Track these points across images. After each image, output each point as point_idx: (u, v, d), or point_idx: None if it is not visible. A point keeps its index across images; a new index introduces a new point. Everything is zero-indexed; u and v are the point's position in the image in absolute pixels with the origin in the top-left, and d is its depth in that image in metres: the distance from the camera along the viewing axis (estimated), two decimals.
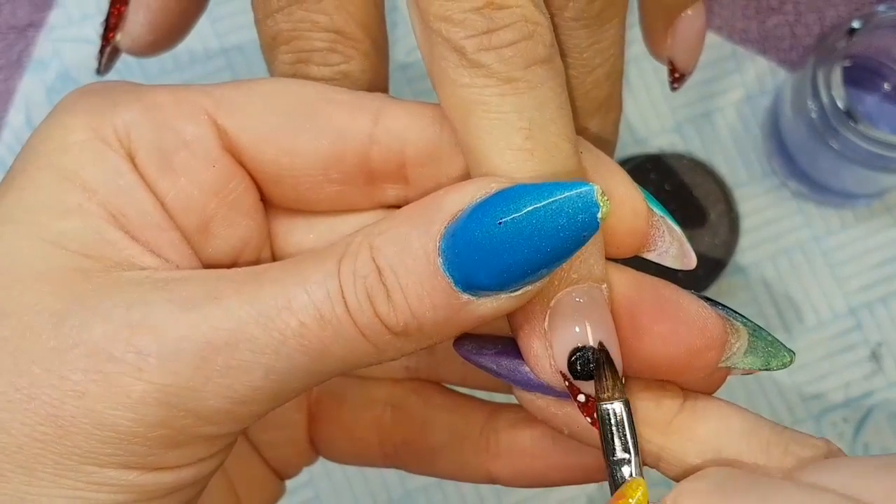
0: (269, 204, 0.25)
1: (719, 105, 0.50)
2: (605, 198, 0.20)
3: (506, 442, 0.28)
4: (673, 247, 0.24)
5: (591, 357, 0.22)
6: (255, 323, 0.21)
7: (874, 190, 0.48)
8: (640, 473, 0.23)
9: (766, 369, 0.24)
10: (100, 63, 0.30)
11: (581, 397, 0.23)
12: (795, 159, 0.48)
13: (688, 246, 0.25)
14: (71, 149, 0.22)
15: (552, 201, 0.20)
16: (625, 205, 0.23)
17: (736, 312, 0.24)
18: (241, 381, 0.21)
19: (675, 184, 0.48)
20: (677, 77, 0.32)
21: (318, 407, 0.30)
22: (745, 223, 0.49)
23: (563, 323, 0.22)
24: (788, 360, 0.24)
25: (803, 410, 0.48)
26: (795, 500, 0.20)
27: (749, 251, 0.49)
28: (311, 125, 0.23)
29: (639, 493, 0.22)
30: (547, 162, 0.22)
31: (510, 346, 0.25)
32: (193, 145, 0.23)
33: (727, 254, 0.48)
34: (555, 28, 0.24)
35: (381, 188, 0.24)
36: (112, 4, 0.29)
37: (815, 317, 0.49)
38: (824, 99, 0.43)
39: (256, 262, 0.25)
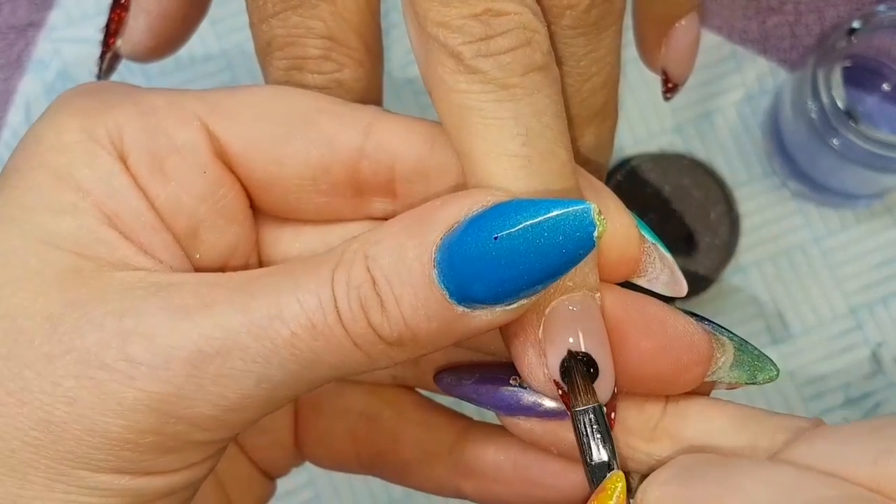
0: (257, 211, 0.25)
1: (719, 105, 0.50)
2: (602, 217, 0.20)
3: (472, 464, 0.28)
4: (664, 273, 0.24)
5: (581, 363, 0.22)
6: (246, 332, 0.21)
7: (874, 190, 0.48)
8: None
9: (753, 383, 0.24)
10: (100, 69, 0.29)
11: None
12: (795, 159, 0.48)
13: (679, 274, 0.25)
14: (65, 149, 0.22)
15: (548, 218, 0.20)
16: (617, 231, 0.23)
17: (721, 327, 0.24)
18: (232, 389, 0.21)
19: (675, 184, 0.48)
20: (670, 87, 0.32)
21: (299, 413, 0.30)
22: (746, 223, 0.49)
23: (557, 331, 0.22)
24: (775, 373, 0.25)
25: (803, 411, 0.48)
26: (754, 477, 0.20)
27: (749, 251, 0.49)
28: (301, 135, 0.23)
29: (619, 486, 0.22)
30: (543, 169, 0.22)
31: (488, 373, 0.25)
32: (184, 151, 0.23)
33: (727, 254, 0.48)
34: (551, 36, 0.24)
35: (369, 201, 0.24)
36: (112, 10, 0.28)
37: (816, 317, 0.49)
38: (824, 99, 0.43)
39: (244, 268, 0.25)
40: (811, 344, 0.48)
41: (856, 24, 0.43)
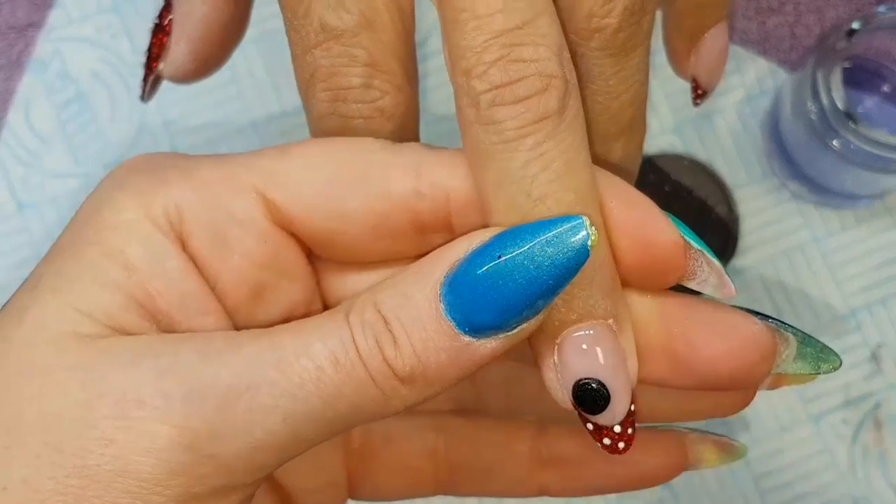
0: (319, 260, 0.25)
1: (719, 106, 0.50)
2: (594, 227, 0.22)
3: (555, 453, 0.29)
4: (712, 276, 0.25)
5: (590, 391, 0.23)
6: (274, 368, 0.22)
7: (874, 191, 0.48)
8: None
9: (817, 373, 0.26)
10: (143, 91, 0.30)
11: (589, 426, 0.24)
12: (795, 160, 0.48)
13: (727, 278, 0.25)
14: (120, 227, 0.23)
15: (547, 237, 0.21)
16: (666, 242, 0.24)
17: (785, 323, 0.25)
18: (260, 425, 0.21)
19: (674, 185, 0.48)
20: (700, 94, 0.32)
21: (364, 448, 0.30)
22: (745, 224, 0.49)
23: (568, 359, 0.23)
24: (838, 363, 0.26)
25: (803, 412, 0.48)
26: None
27: (749, 252, 0.49)
28: (357, 189, 0.23)
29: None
30: (545, 217, 0.23)
31: None
32: (245, 223, 0.23)
33: (727, 255, 0.48)
34: (580, 57, 0.24)
35: (430, 237, 0.25)
36: (154, 35, 0.29)
37: (815, 318, 0.49)
38: (824, 100, 0.43)
39: (307, 316, 0.25)
40: None
41: (855, 25, 0.43)
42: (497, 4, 0.22)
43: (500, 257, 0.22)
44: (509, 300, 0.22)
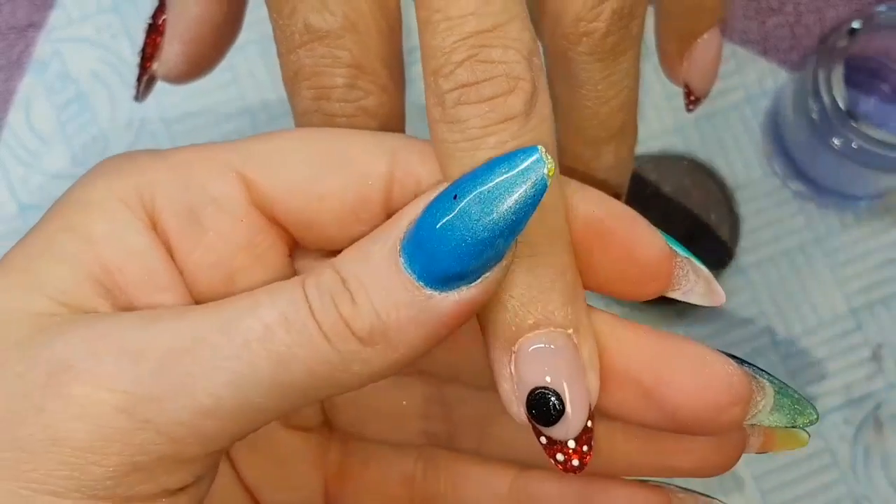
0: (298, 247, 0.25)
1: (720, 106, 0.50)
2: (550, 157, 0.21)
3: (535, 496, 0.28)
4: (699, 285, 0.25)
5: (545, 401, 0.22)
6: (218, 330, 0.21)
7: (875, 191, 0.48)
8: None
9: (793, 426, 0.25)
10: (137, 90, 0.30)
11: (542, 439, 0.23)
12: (796, 160, 0.48)
13: (716, 285, 0.25)
14: (86, 204, 0.23)
15: (502, 172, 0.21)
16: (648, 250, 0.24)
17: (762, 370, 0.25)
18: (202, 388, 0.21)
19: (675, 185, 0.48)
20: (693, 100, 0.32)
21: (342, 468, 0.30)
22: (746, 224, 0.49)
23: (524, 367, 0.23)
24: (815, 417, 0.25)
25: None
26: None
27: (750, 252, 0.49)
28: (336, 171, 0.23)
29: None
30: None
31: None
32: (221, 201, 0.23)
33: (728, 255, 0.48)
34: (569, 61, 0.24)
35: None
36: (148, 35, 0.29)
37: (816, 318, 0.49)
38: (825, 99, 0.43)
39: None
40: (812, 345, 0.48)
41: (856, 25, 0.43)
42: (469, 7, 0.21)
43: (455, 197, 0.21)
44: (468, 241, 0.21)
